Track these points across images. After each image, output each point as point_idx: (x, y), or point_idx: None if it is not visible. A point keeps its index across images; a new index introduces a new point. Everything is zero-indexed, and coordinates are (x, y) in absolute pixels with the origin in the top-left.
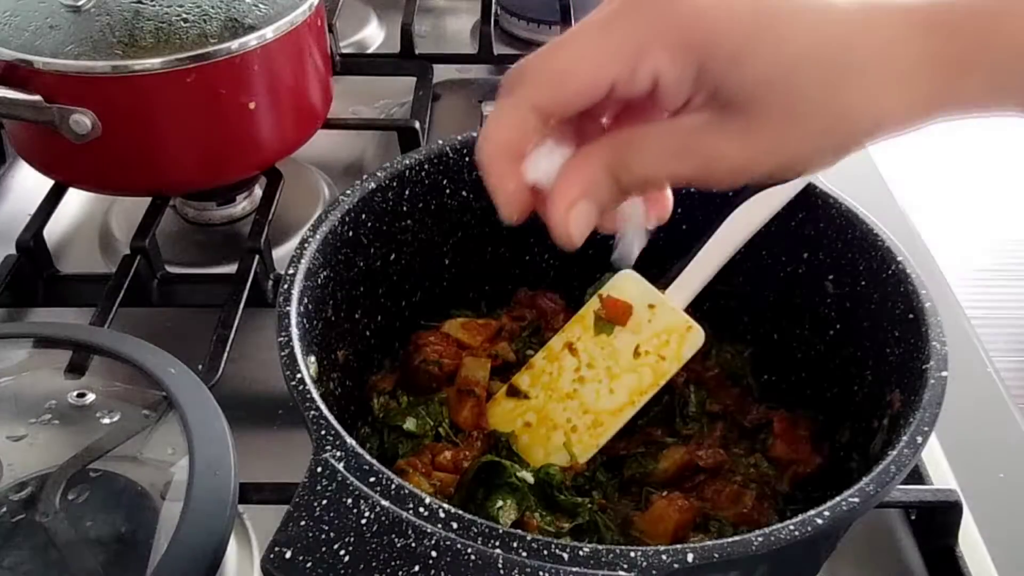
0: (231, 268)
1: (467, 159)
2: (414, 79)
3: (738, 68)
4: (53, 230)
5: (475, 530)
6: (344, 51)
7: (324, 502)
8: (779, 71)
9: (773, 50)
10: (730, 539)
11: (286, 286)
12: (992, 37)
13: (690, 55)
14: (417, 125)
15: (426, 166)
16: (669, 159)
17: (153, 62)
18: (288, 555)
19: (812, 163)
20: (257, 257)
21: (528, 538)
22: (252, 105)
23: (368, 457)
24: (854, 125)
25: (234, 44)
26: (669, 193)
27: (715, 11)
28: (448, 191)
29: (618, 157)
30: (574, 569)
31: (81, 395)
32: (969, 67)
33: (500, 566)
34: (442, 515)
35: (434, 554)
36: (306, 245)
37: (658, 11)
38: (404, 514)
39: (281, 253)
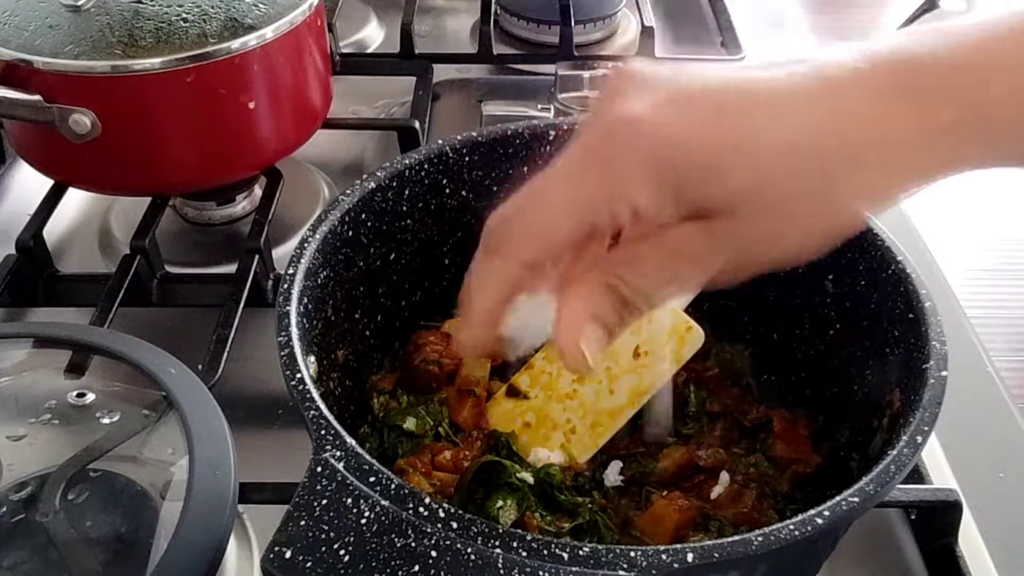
0: (231, 268)
1: (467, 159)
2: (414, 79)
3: (717, 182)
4: (53, 230)
5: (475, 530)
6: (344, 51)
7: (324, 502)
8: (760, 177)
9: (751, 158)
10: (730, 539)
11: (286, 286)
12: (982, 101)
13: (665, 183)
14: (417, 125)
15: (426, 166)
16: (665, 270)
17: (153, 62)
18: (288, 555)
19: (810, 252)
20: (257, 257)
21: (528, 538)
22: (252, 105)
23: (368, 457)
24: (847, 210)
25: (234, 44)
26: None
27: (683, 135)
28: (448, 191)
29: (616, 274)
30: (574, 569)
31: (81, 395)
32: (962, 133)
33: (500, 566)
34: (442, 515)
35: (434, 554)
36: (306, 245)
37: (626, 148)
38: (404, 514)
39: (281, 253)
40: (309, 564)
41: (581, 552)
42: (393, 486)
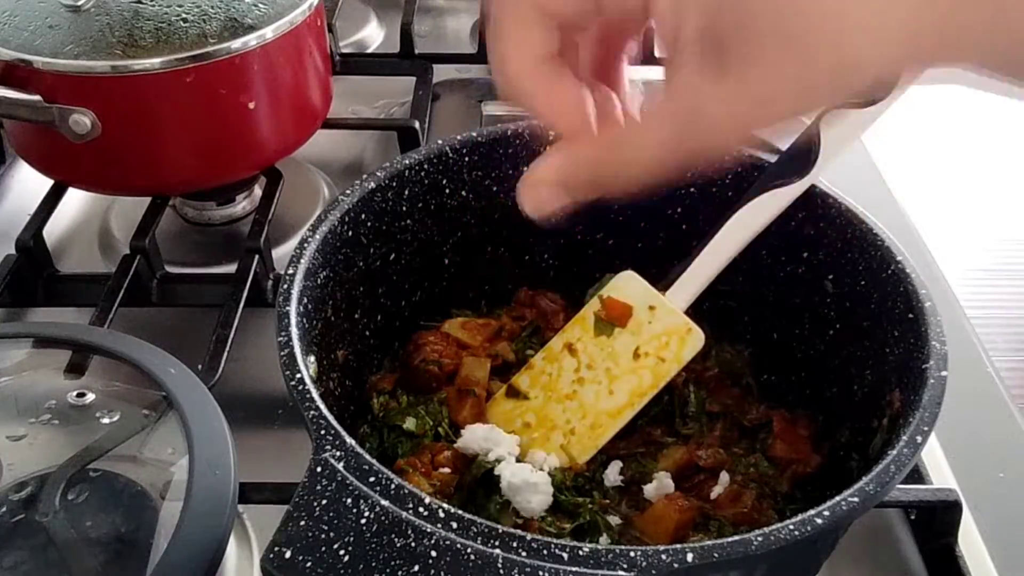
0: (231, 268)
1: (467, 159)
2: (414, 79)
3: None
4: (53, 230)
5: (475, 530)
6: (344, 51)
7: (324, 502)
8: (781, 4)
9: None
10: (730, 539)
11: (286, 286)
12: None
13: None
14: (417, 125)
15: (426, 166)
16: (663, 129)
17: (153, 62)
18: (288, 555)
19: (817, 103)
20: (257, 257)
21: (528, 538)
22: (252, 105)
23: (368, 457)
24: (859, 65)
25: (234, 44)
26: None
27: None
28: (448, 191)
29: (610, 153)
30: (574, 569)
31: (81, 395)
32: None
33: (500, 566)
34: (442, 515)
35: (434, 554)
36: (306, 245)
37: None
38: (404, 514)
39: (281, 253)
40: (309, 564)
41: (581, 552)
42: (393, 486)
